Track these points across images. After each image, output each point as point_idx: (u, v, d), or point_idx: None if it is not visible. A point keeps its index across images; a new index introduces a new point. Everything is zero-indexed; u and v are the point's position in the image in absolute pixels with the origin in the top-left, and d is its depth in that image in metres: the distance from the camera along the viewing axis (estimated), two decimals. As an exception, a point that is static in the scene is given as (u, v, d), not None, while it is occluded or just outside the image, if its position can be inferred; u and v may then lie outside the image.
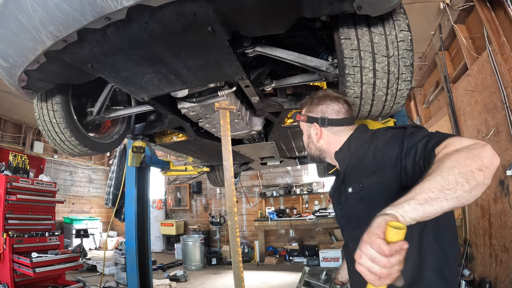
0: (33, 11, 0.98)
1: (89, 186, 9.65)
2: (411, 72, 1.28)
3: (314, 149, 1.18)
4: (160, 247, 8.88)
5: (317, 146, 1.17)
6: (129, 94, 1.93)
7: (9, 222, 4.16)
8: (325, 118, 1.12)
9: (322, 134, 1.14)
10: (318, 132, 1.14)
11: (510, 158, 2.84)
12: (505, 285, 2.93)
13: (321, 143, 1.15)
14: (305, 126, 1.21)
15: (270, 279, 5.68)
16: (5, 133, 7.05)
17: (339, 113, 1.13)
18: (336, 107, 1.13)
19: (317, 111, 1.15)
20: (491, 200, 3.22)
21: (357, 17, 1.15)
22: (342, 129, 1.12)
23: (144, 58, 1.25)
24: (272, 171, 8.23)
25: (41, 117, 1.76)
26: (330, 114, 1.13)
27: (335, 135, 1.12)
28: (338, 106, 1.14)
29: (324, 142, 1.14)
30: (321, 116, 1.13)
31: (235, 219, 1.46)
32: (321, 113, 1.14)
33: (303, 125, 1.21)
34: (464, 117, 3.76)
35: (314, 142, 1.16)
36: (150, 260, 3.35)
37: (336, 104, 1.14)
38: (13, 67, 1.25)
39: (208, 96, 1.75)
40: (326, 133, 1.13)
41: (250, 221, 8.10)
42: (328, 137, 1.13)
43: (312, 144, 1.18)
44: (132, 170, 3.24)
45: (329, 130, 1.13)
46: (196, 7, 0.98)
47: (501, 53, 2.86)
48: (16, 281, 4.02)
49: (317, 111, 1.15)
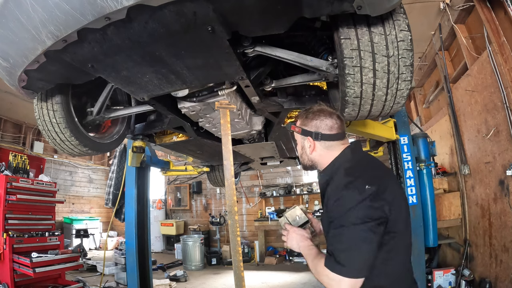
0: (33, 11, 0.98)
1: (89, 186, 9.65)
2: (411, 72, 1.28)
3: (307, 160, 1.27)
4: (160, 247, 8.88)
5: (309, 157, 1.25)
6: (129, 94, 1.94)
7: (9, 222, 4.16)
8: (319, 133, 1.20)
9: (315, 147, 1.22)
10: (311, 145, 1.22)
11: (510, 158, 2.84)
12: (505, 285, 2.93)
13: (314, 155, 1.23)
14: (300, 138, 1.28)
15: (270, 279, 5.68)
16: (5, 133, 7.05)
17: (332, 128, 1.20)
18: (329, 123, 1.20)
19: (312, 125, 1.22)
20: (491, 200, 3.22)
21: (357, 17, 1.15)
22: (334, 144, 1.20)
23: (144, 58, 1.25)
24: (272, 171, 8.23)
25: (41, 117, 1.76)
26: (323, 129, 1.20)
27: (327, 149, 1.21)
28: (331, 122, 1.20)
29: (316, 154, 1.23)
30: (315, 131, 1.20)
31: (235, 218, 1.46)
32: (315, 127, 1.21)
33: (298, 136, 1.29)
34: (464, 117, 3.76)
35: (308, 153, 1.25)
36: (150, 260, 3.35)
37: (330, 120, 1.21)
38: (13, 67, 1.25)
39: (208, 95, 1.75)
40: (319, 146, 1.21)
41: (250, 221, 8.10)
42: (320, 150, 1.22)
43: (306, 155, 1.26)
44: (132, 170, 3.24)
45: (322, 144, 1.21)
46: (196, 7, 0.98)
47: (501, 53, 2.86)
48: (16, 281, 4.02)
49: (312, 125, 1.22)
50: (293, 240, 1.22)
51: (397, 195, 1.08)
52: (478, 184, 3.51)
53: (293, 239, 1.22)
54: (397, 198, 1.07)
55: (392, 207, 1.01)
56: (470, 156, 3.71)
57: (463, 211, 3.86)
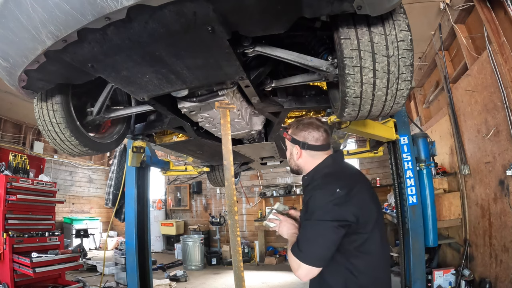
0: (33, 11, 0.98)
1: (89, 186, 9.65)
2: (411, 72, 1.28)
3: (294, 164, 1.45)
4: (160, 247, 8.89)
5: (296, 162, 1.43)
6: (129, 94, 1.93)
7: (9, 222, 4.16)
8: (306, 143, 1.37)
9: (302, 155, 1.40)
10: (298, 153, 1.40)
11: (510, 158, 2.84)
12: (505, 285, 2.93)
13: (300, 161, 1.42)
14: (289, 144, 1.46)
15: (270, 279, 5.68)
16: (5, 133, 7.05)
17: (318, 140, 1.37)
18: (316, 135, 1.37)
19: (300, 136, 1.39)
20: (491, 200, 3.22)
21: (357, 17, 1.15)
22: (318, 153, 1.38)
23: (144, 58, 1.25)
24: (272, 171, 8.23)
25: (41, 117, 1.75)
26: (310, 140, 1.37)
27: (311, 157, 1.39)
28: (318, 134, 1.38)
29: (302, 161, 1.41)
30: (302, 141, 1.38)
31: (235, 218, 1.46)
32: (303, 138, 1.38)
33: (288, 142, 1.46)
34: (464, 117, 3.76)
35: (295, 159, 1.43)
36: (150, 260, 3.35)
37: (317, 133, 1.38)
38: (13, 67, 1.25)
39: (208, 95, 1.75)
40: (305, 154, 1.39)
41: (250, 221, 8.10)
42: (306, 158, 1.40)
43: (293, 160, 1.44)
44: (132, 170, 3.24)
45: (308, 153, 1.39)
46: (196, 7, 0.98)
47: (501, 53, 2.86)
48: (16, 281, 4.03)
49: (300, 136, 1.39)
50: (284, 228, 1.40)
51: (368, 200, 1.25)
52: (478, 184, 3.51)
53: (284, 227, 1.40)
54: (367, 203, 1.24)
55: (360, 211, 1.18)
56: (470, 156, 3.71)
57: (463, 211, 3.86)
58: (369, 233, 1.21)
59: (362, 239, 1.19)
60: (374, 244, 1.23)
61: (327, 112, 2.09)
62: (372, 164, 7.60)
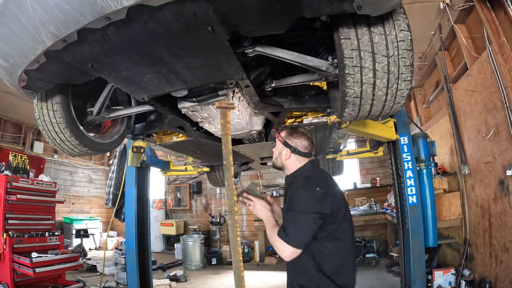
0: (33, 11, 0.98)
1: (89, 186, 9.64)
2: (411, 72, 1.28)
3: (280, 162, 1.70)
4: (160, 247, 8.88)
5: (283, 162, 1.68)
6: (129, 94, 1.94)
7: (9, 222, 4.16)
8: (296, 149, 1.63)
9: (290, 157, 1.65)
10: (287, 154, 1.65)
11: (510, 158, 2.84)
12: (505, 285, 2.93)
13: (287, 162, 1.67)
14: (280, 145, 1.69)
15: (270, 279, 5.68)
16: (5, 133, 7.05)
17: (306, 148, 1.65)
18: (305, 144, 1.65)
19: (293, 142, 1.65)
20: (491, 200, 3.22)
21: (357, 17, 1.15)
22: (303, 158, 1.65)
23: (144, 58, 1.25)
24: (272, 171, 8.23)
25: (41, 117, 1.75)
26: (300, 147, 1.64)
27: (297, 161, 1.65)
28: (307, 143, 1.65)
29: (289, 162, 1.67)
30: (294, 146, 1.64)
31: (235, 218, 1.46)
32: (295, 144, 1.64)
33: (279, 143, 1.69)
34: (464, 117, 3.76)
35: (283, 159, 1.67)
36: (150, 260, 3.35)
37: (306, 142, 1.65)
38: (13, 67, 1.25)
39: (208, 95, 1.75)
40: (292, 157, 1.65)
41: (250, 221, 8.10)
42: (293, 160, 1.66)
43: (280, 159, 1.69)
44: (132, 170, 3.24)
45: (295, 157, 1.65)
46: (196, 7, 0.98)
47: (501, 53, 2.86)
48: (16, 281, 4.03)
49: (293, 142, 1.65)
50: (258, 210, 1.63)
51: (338, 198, 1.56)
52: (478, 184, 3.51)
53: (258, 209, 1.63)
54: (338, 200, 1.54)
55: (333, 205, 1.47)
56: (470, 156, 3.71)
57: (463, 211, 3.86)
58: (339, 224, 1.49)
59: (332, 228, 1.47)
60: (343, 233, 1.51)
61: (327, 112, 2.09)
62: (372, 164, 7.60)
